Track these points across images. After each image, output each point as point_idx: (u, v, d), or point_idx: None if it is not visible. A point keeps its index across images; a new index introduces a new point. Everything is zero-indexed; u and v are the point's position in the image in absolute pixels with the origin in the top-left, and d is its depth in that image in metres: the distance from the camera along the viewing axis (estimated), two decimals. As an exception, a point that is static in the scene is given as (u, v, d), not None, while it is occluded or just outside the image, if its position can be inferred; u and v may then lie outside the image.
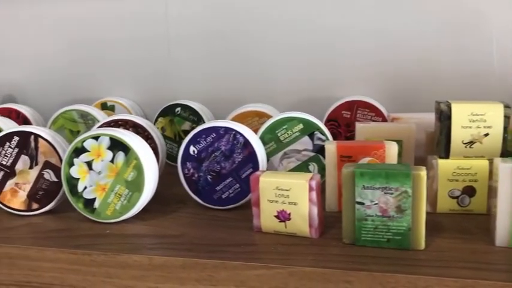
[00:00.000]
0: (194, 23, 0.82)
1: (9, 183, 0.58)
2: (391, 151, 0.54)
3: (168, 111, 0.78)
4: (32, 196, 0.58)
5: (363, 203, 0.46)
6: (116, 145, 0.54)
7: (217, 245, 0.49)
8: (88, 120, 0.75)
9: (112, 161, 0.54)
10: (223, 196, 0.58)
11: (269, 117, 0.70)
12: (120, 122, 0.65)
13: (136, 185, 0.54)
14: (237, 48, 0.81)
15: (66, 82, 0.89)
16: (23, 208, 0.58)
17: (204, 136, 0.57)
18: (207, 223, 0.55)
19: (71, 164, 0.55)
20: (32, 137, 0.57)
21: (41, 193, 0.58)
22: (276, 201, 0.50)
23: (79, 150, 0.55)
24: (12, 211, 0.58)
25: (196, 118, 0.76)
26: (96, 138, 0.54)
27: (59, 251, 0.49)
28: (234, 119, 0.70)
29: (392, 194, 0.46)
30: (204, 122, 0.76)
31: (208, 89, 0.83)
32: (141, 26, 0.84)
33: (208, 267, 0.46)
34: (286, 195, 0.49)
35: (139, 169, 0.54)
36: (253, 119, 0.71)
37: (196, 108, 0.76)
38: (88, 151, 0.54)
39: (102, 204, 0.55)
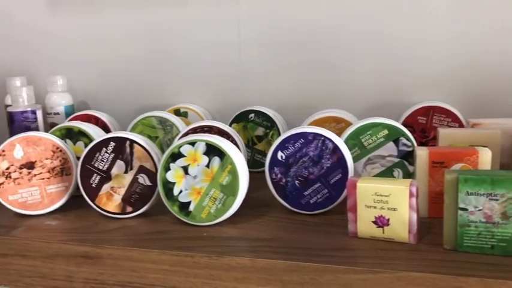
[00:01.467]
0: (266, 29, 0.83)
1: (105, 187, 0.60)
2: (484, 157, 0.54)
3: (242, 117, 0.79)
4: (126, 200, 0.60)
5: (466, 209, 0.46)
6: (212, 150, 0.56)
7: (316, 249, 0.50)
8: (166, 126, 0.77)
9: (208, 165, 0.56)
10: (311, 201, 0.59)
11: (347, 122, 0.71)
12: (205, 128, 0.67)
13: (231, 189, 0.55)
14: (309, 55, 0.82)
15: (138, 89, 0.92)
16: (118, 211, 0.60)
17: (292, 142, 0.59)
18: (298, 227, 0.56)
19: (167, 169, 0.57)
20: (128, 142, 0.59)
21: (135, 197, 0.60)
22: (374, 207, 0.50)
23: (175, 156, 0.56)
24: (107, 214, 0.61)
25: (270, 124, 0.78)
26: (192, 143, 0.56)
27: (162, 253, 0.51)
28: (311, 125, 0.71)
29: (497, 200, 0.45)
30: (277, 128, 0.77)
31: (279, 95, 0.84)
32: (213, 33, 0.86)
33: (312, 270, 0.47)
34: (385, 201, 0.49)
35: (234, 174, 0.55)
36: (331, 125, 0.71)
37: (269, 114, 0.78)
38: (184, 156, 0.56)
39: (197, 208, 0.56)
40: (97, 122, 0.81)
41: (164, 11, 0.88)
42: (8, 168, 0.61)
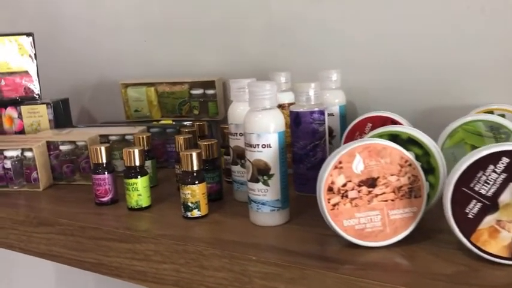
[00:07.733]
0: None
1: (488, 220, 0.43)
2: None
3: None
4: (520, 240, 0.42)
5: None
6: None
7: None
8: (500, 134, 0.58)
9: None
10: None
11: None
12: None
13: None
14: None
15: (423, 86, 0.75)
16: (505, 255, 0.43)
17: None
18: None
19: None
20: (530, 159, 0.42)
21: (534, 237, 0.42)
22: None
23: None
24: (487, 256, 0.44)
25: None
26: None
27: None
28: None
29: None
30: None
31: None
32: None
33: None
34: None
35: None
36: None
37: None
38: None
39: None
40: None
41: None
42: (344, 185, 0.48)
